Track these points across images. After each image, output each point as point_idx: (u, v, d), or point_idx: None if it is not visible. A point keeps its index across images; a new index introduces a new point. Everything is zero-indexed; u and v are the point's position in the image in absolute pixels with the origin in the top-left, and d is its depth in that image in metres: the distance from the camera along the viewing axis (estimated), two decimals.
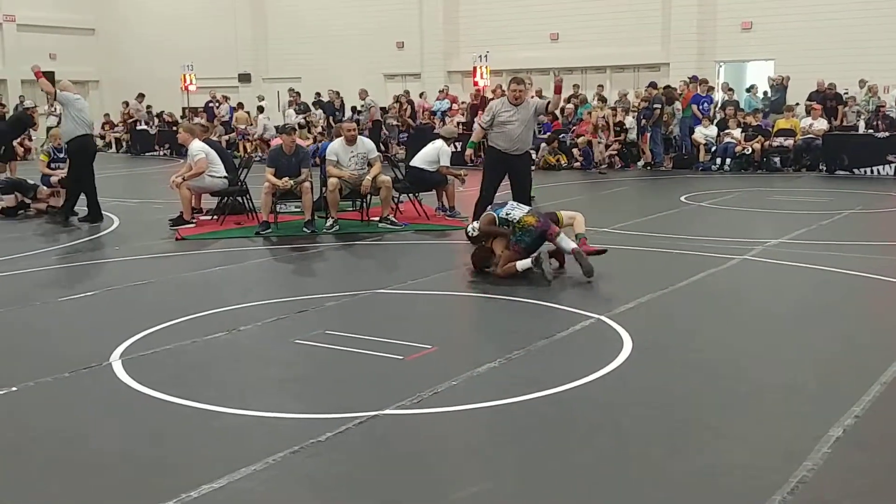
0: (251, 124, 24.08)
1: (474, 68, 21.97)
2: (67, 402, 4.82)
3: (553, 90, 9.40)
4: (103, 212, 12.06)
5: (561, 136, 19.46)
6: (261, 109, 23.92)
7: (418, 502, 3.57)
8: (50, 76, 13.18)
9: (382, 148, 19.77)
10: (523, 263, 7.62)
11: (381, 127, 21.96)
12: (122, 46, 33.29)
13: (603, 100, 20.24)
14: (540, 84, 24.43)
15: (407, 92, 24.44)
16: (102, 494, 3.69)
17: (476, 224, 8.13)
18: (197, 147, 11.38)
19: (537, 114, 9.47)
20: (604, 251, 8.12)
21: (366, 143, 10.99)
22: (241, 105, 25.53)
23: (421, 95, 23.99)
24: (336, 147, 10.85)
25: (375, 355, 5.47)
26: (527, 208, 8.04)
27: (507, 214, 7.88)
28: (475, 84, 21.70)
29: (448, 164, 11.47)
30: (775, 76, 20.84)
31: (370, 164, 10.79)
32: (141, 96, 28.01)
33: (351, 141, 10.76)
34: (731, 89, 20.27)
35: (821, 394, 4.75)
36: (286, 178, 10.47)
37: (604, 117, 19.11)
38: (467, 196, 13.05)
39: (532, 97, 10.12)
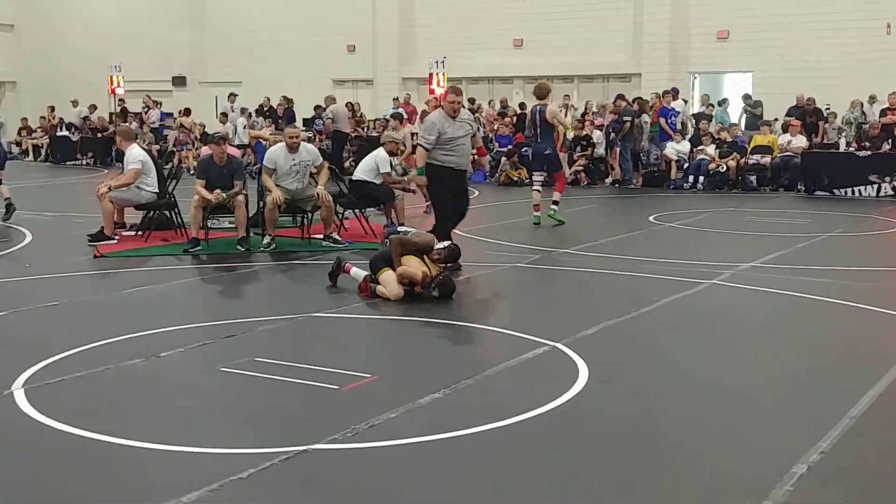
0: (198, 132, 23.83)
1: (431, 75, 22.08)
2: None
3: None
4: (16, 226, 11.84)
5: (523, 150, 19.58)
6: (224, 116, 23.57)
7: None
8: None
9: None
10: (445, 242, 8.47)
11: (345, 139, 21.46)
12: (44, 44, 32.87)
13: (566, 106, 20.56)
14: (505, 94, 24.70)
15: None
16: None
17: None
18: (136, 154, 11.22)
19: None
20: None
21: (310, 151, 10.95)
22: (187, 110, 25.16)
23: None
24: (276, 153, 10.77)
25: (308, 385, 5.45)
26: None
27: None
28: (431, 92, 21.81)
29: (388, 171, 11.48)
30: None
31: (316, 172, 10.75)
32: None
33: (293, 148, 10.71)
34: (711, 105, 20.59)
35: (788, 426, 4.83)
36: (217, 191, 10.40)
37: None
38: (419, 214, 13.07)
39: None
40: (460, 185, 9.49)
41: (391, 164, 11.59)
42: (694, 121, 20.29)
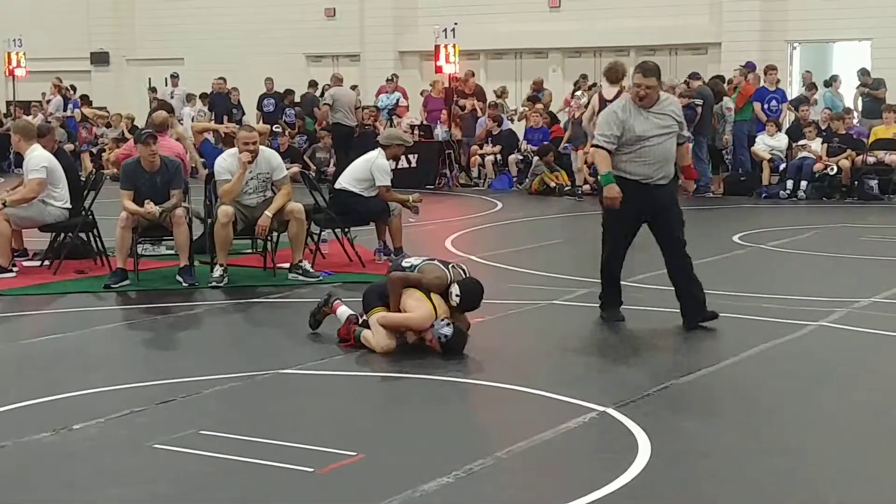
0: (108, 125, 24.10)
1: (437, 48, 22.18)
2: None
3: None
4: None
5: (562, 148, 19.62)
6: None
7: None
8: None
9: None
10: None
11: (348, 136, 21.22)
12: None
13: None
14: (538, 72, 24.73)
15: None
16: None
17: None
18: (38, 158, 11.18)
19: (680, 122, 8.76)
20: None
21: (271, 161, 11.00)
22: (85, 98, 25.38)
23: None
24: (228, 162, 10.84)
25: (272, 466, 5.46)
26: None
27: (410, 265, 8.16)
28: (438, 70, 21.93)
29: (388, 185, 11.52)
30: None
31: (276, 189, 10.81)
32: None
33: (250, 155, 10.76)
34: (811, 85, 20.58)
35: None
36: (148, 202, 10.39)
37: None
38: (423, 232, 13.10)
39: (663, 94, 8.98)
40: (654, 208, 8.69)
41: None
42: (793, 106, 20.32)
